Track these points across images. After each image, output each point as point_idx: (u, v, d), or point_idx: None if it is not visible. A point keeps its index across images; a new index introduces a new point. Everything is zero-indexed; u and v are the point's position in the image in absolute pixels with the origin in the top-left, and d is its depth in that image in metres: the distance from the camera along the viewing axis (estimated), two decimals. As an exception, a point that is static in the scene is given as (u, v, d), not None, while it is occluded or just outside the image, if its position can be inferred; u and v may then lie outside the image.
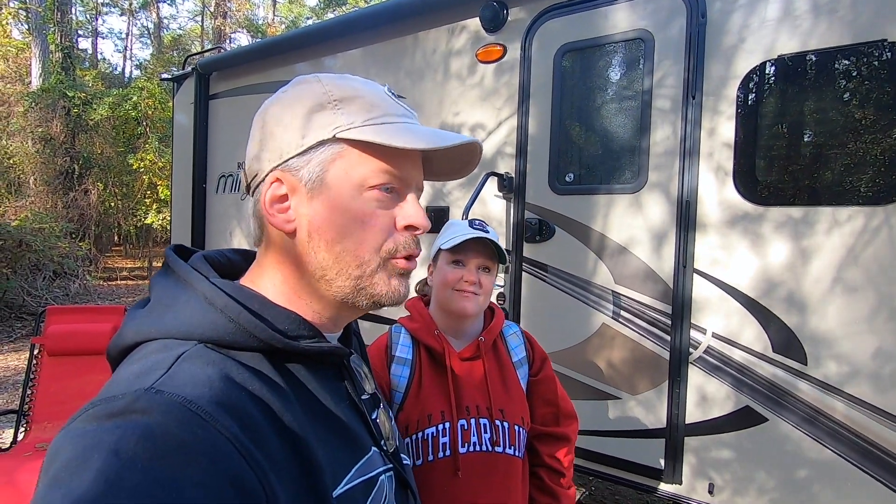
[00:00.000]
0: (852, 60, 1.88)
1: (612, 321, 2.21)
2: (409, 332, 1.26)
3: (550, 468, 1.27)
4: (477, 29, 2.62)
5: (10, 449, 2.64)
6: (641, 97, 2.18)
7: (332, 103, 0.58)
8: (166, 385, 0.44)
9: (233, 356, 0.51)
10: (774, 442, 1.87)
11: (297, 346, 0.56)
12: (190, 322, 0.52)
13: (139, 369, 0.47)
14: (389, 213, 0.60)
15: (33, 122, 9.96)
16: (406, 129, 0.59)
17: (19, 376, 4.97)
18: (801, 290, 1.84)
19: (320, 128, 0.57)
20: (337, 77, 0.61)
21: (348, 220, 0.58)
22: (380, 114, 0.59)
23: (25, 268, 7.62)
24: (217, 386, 0.46)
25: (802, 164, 2.01)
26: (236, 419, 0.45)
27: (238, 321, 0.52)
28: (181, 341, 0.51)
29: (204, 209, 4.04)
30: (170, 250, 0.61)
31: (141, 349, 0.51)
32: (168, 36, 25.23)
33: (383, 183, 0.59)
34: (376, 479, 0.61)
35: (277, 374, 0.53)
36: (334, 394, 0.60)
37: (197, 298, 0.54)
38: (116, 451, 0.38)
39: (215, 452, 0.42)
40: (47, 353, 2.97)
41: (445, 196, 2.77)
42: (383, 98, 0.61)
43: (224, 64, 3.94)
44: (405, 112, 0.62)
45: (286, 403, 0.51)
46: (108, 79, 18.58)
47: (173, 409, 0.42)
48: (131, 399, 0.43)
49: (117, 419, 0.41)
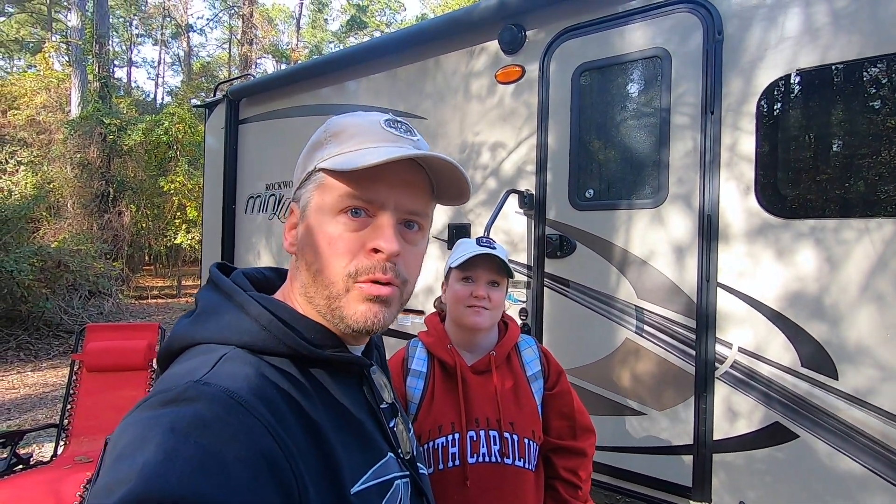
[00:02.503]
0: (874, 72, 1.88)
1: (635, 336, 2.21)
2: (425, 346, 1.32)
3: (567, 481, 1.28)
4: (496, 51, 2.70)
5: (50, 462, 2.75)
6: (660, 113, 2.20)
7: (328, 139, 0.65)
8: (212, 379, 0.51)
9: (265, 359, 0.57)
10: (806, 458, 1.83)
11: (321, 353, 0.61)
12: (229, 329, 0.59)
13: (187, 368, 0.54)
14: (358, 236, 0.61)
15: (72, 149, 10.45)
16: (364, 155, 0.60)
17: (58, 392, 5.16)
18: (828, 303, 1.82)
19: (312, 161, 0.65)
20: (346, 115, 0.67)
21: (319, 243, 0.62)
22: (358, 142, 0.62)
23: (63, 287, 7.93)
24: (253, 381, 0.53)
25: (825, 176, 2.00)
26: (269, 409, 0.51)
27: (269, 329, 0.59)
28: (222, 345, 0.57)
29: (233, 229, 4.18)
30: (213, 267, 0.68)
31: (188, 352, 0.58)
32: (197, 63, 26.29)
33: (349, 206, 0.61)
34: (391, 482, 0.64)
35: (303, 377, 0.59)
36: (354, 400, 0.65)
37: (235, 309, 0.61)
38: (172, 429, 0.44)
39: (253, 434, 0.48)
40: (86, 369, 3.09)
41: (467, 214, 2.82)
42: (370, 127, 0.64)
43: (253, 90, 4.11)
44: (398, 137, 0.64)
45: (310, 402, 0.57)
46: (142, 105, 19.40)
47: (218, 397, 0.49)
48: (182, 390, 0.49)
49: (171, 406, 0.47)
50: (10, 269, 6.62)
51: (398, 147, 0.62)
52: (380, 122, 0.65)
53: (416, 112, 3.04)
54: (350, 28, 27.22)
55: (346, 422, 0.61)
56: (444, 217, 2.91)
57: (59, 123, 11.24)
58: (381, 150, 0.60)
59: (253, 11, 19.35)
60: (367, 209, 0.62)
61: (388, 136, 0.63)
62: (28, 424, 4.16)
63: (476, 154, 2.79)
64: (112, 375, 3.09)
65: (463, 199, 0.70)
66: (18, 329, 7.15)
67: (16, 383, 5.63)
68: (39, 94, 12.01)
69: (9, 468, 2.53)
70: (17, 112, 11.68)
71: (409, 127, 0.67)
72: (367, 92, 3.34)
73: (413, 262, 0.66)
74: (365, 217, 0.62)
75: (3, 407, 4.87)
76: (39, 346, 7.06)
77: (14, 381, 5.68)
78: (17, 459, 2.61)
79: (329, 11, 29.43)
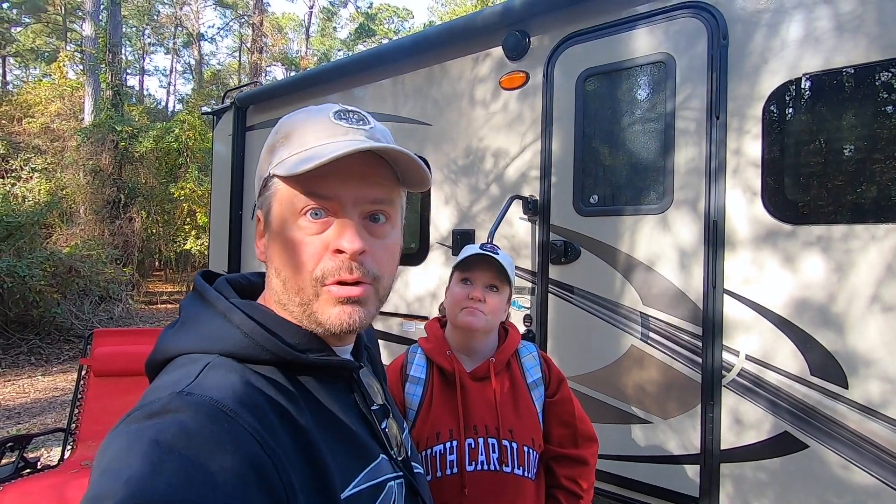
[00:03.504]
0: (882, 76, 1.86)
1: (640, 343, 2.18)
2: (424, 353, 1.31)
3: (568, 490, 1.26)
4: (500, 57, 2.70)
5: (57, 466, 2.76)
6: (664, 119, 2.19)
7: (278, 141, 0.63)
8: (195, 389, 0.50)
9: (250, 367, 0.57)
10: (815, 469, 1.79)
11: (306, 358, 0.60)
12: (212, 338, 0.58)
13: (171, 379, 0.54)
14: (321, 238, 0.60)
15: (85, 156, 10.63)
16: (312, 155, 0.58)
17: (67, 396, 5.20)
18: (837, 311, 1.79)
19: (266, 167, 0.64)
20: (293, 113, 0.66)
21: (283, 250, 0.61)
22: (304, 142, 0.61)
23: (74, 293, 8.03)
24: (238, 389, 0.52)
25: (833, 181, 1.97)
26: (255, 416, 0.50)
27: (252, 336, 0.58)
28: (206, 355, 0.57)
29: (240, 235, 4.21)
30: (198, 275, 0.68)
31: (172, 363, 0.58)
32: (208, 71, 26.65)
33: (308, 208, 0.60)
34: (384, 484, 0.63)
35: (289, 383, 0.58)
36: (343, 404, 0.64)
37: (218, 317, 0.60)
38: (157, 442, 0.44)
39: (239, 442, 0.47)
40: (94, 374, 3.11)
41: (471, 219, 2.82)
42: (320, 124, 0.62)
43: (260, 97, 4.15)
44: (348, 129, 0.62)
45: (297, 408, 0.56)
46: (153, 113, 19.71)
47: (202, 407, 0.48)
48: (166, 401, 0.49)
49: (156, 418, 0.47)
50: (23, 275, 6.71)
51: (348, 141, 0.60)
52: (329, 115, 0.63)
53: (422, 118, 3.05)
54: (359, 36, 27.46)
55: (334, 426, 0.61)
56: (448, 224, 2.91)
57: (73, 131, 11.45)
58: (328, 147, 0.59)
59: (263, 20, 19.61)
60: (326, 208, 0.60)
61: (338, 130, 0.61)
62: (37, 429, 4.19)
63: (480, 160, 2.79)
64: (120, 380, 3.11)
65: (425, 185, 0.67)
66: (30, 333, 7.24)
67: (26, 388, 5.69)
68: (54, 102, 12.25)
69: (16, 472, 2.55)
70: (32, 120, 11.92)
71: (362, 115, 0.65)
72: (372, 98, 3.36)
73: (384, 255, 0.64)
74: (326, 217, 0.60)
75: (14, 411, 4.92)
76: (50, 350, 7.14)
77: (24, 386, 5.75)
78: (25, 463, 2.63)
79: (338, 20, 29.76)
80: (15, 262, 6.75)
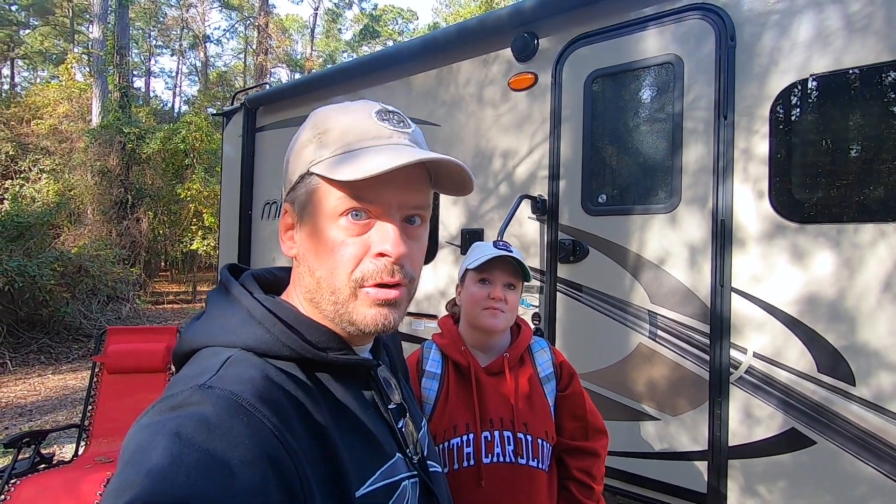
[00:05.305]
0: (890, 76, 1.88)
1: (648, 341, 2.20)
2: (439, 348, 1.34)
3: (580, 482, 1.29)
4: (509, 59, 2.73)
5: (71, 462, 2.81)
6: (672, 119, 2.21)
7: (317, 137, 0.62)
8: (216, 383, 0.51)
9: (271, 362, 0.57)
10: (823, 465, 1.81)
11: (325, 356, 0.61)
12: (234, 332, 0.59)
13: (193, 371, 0.55)
14: (362, 240, 0.60)
15: (92, 157, 10.71)
16: (359, 157, 0.58)
17: (77, 394, 5.26)
18: (844, 309, 1.80)
19: (304, 162, 0.62)
20: (331, 108, 0.65)
21: (322, 249, 0.61)
22: (347, 142, 0.60)
23: (83, 292, 8.11)
24: (258, 384, 0.53)
25: (840, 180, 1.99)
26: (274, 411, 0.51)
27: (273, 332, 0.59)
28: (228, 348, 0.58)
29: (250, 234, 4.25)
30: (224, 269, 0.69)
31: (196, 356, 0.59)
32: (214, 73, 26.80)
33: (350, 209, 0.59)
34: (398, 483, 0.64)
35: (308, 380, 0.59)
36: (361, 402, 0.64)
37: (241, 311, 0.61)
38: (178, 434, 0.45)
39: (257, 436, 0.48)
40: (107, 371, 3.16)
41: (480, 218, 2.84)
42: (362, 123, 0.61)
43: (269, 99, 4.19)
44: (392, 132, 0.62)
45: (315, 405, 0.57)
46: (160, 114, 19.83)
47: (223, 400, 0.49)
48: (188, 394, 0.50)
49: (177, 410, 0.48)
50: (33, 274, 6.79)
51: (393, 145, 0.61)
52: (371, 114, 0.62)
53: (431, 119, 3.08)
54: (363, 37, 27.57)
55: (351, 424, 0.61)
56: (457, 223, 2.94)
57: (81, 132, 11.53)
58: (375, 153, 0.58)
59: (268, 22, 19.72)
60: (368, 210, 0.60)
61: (382, 132, 0.61)
62: (48, 426, 4.24)
63: (489, 160, 2.82)
64: (131, 377, 3.15)
65: (466, 191, 0.67)
66: (40, 332, 7.31)
67: (37, 386, 5.75)
68: (62, 104, 12.34)
69: (33, 467, 2.60)
70: (41, 122, 12.01)
71: (402, 117, 0.65)
72: (382, 100, 3.37)
73: (418, 257, 0.65)
74: (367, 219, 0.60)
75: (25, 409, 4.98)
76: (60, 349, 7.21)
77: (35, 384, 5.81)
78: (41, 458, 2.67)
79: (343, 21, 29.88)
80: (25, 262, 6.83)
